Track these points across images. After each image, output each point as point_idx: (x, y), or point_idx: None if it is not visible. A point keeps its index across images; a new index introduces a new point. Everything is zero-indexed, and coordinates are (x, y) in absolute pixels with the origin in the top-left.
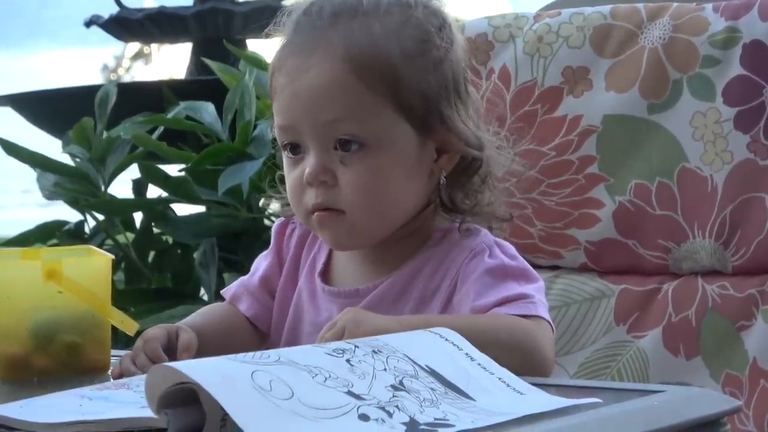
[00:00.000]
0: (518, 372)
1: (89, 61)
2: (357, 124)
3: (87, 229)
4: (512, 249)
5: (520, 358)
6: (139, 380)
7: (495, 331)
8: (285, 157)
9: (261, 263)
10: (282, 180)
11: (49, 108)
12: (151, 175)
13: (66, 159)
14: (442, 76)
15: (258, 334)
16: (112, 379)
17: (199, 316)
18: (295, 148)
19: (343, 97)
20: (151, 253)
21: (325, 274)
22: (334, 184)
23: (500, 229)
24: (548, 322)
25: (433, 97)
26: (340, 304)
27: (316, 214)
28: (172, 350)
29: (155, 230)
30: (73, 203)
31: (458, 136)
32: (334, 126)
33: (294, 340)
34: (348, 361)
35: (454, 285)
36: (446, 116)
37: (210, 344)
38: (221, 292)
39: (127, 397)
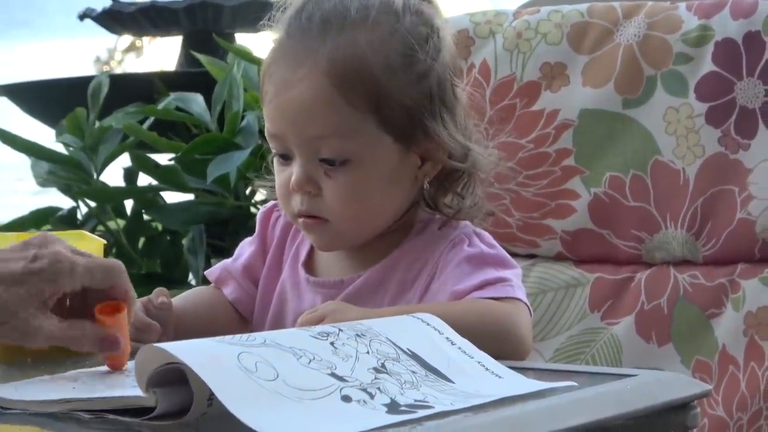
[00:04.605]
0: (497, 353)
1: (82, 53)
2: (340, 141)
3: (79, 216)
4: (491, 238)
5: (498, 341)
6: (131, 363)
7: (472, 315)
8: (275, 158)
9: (245, 249)
10: (269, 170)
11: (43, 98)
12: (141, 163)
13: (59, 148)
14: (427, 88)
15: (241, 318)
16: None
17: (183, 299)
18: (284, 155)
19: (326, 115)
20: (141, 239)
21: (309, 264)
22: (318, 194)
23: (480, 220)
24: (526, 304)
25: (417, 111)
26: (323, 295)
27: (301, 219)
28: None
29: (145, 217)
30: (66, 191)
31: (442, 147)
32: (318, 142)
33: (277, 329)
34: (332, 344)
35: (433, 273)
36: (430, 129)
37: (194, 326)
38: (205, 272)
39: (119, 378)
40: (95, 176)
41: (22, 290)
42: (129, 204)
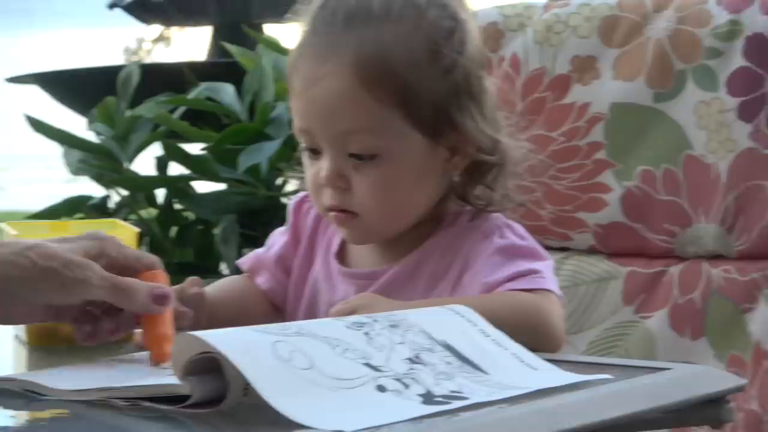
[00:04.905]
0: (529, 345)
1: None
2: (367, 137)
3: (111, 204)
4: (522, 230)
5: (531, 332)
6: None
7: (504, 307)
8: (304, 152)
9: (277, 239)
10: (300, 161)
11: (74, 87)
12: (173, 153)
13: (91, 136)
14: (453, 81)
15: (273, 308)
16: (137, 349)
17: (215, 288)
18: (313, 149)
19: (353, 111)
20: (174, 229)
21: (341, 255)
22: (348, 189)
23: (512, 211)
24: (558, 295)
25: (443, 105)
26: (356, 285)
27: (332, 213)
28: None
29: (177, 206)
30: (98, 179)
31: (470, 140)
32: (345, 137)
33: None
34: (366, 334)
35: (465, 265)
36: (457, 122)
37: (227, 316)
38: (237, 262)
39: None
40: (126, 165)
41: (68, 244)
42: (160, 193)
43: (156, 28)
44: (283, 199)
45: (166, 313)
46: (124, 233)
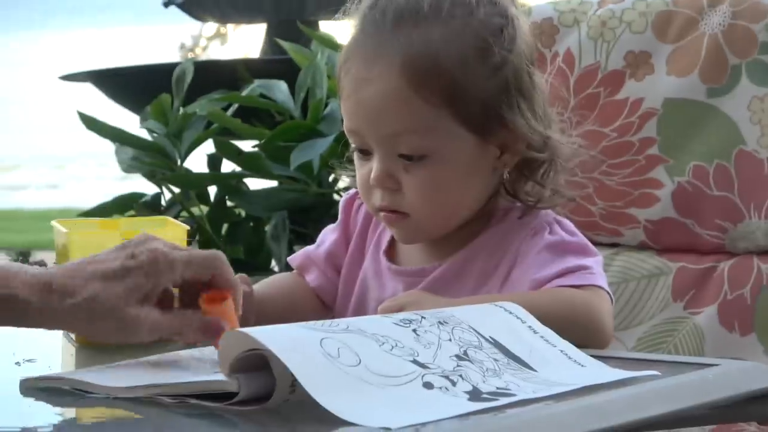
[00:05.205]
0: (578, 341)
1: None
2: (416, 138)
3: (163, 202)
4: (571, 226)
5: (579, 328)
6: (211, 348)
7: (554, 303)
8: (355, 152)
9: (328, 236)
10: (351, 159)
11: (127, 84)
12: (225, 150)
13: (144, 134)
14: (502, 79)
15: (322, 305)
16: (184, 346)
17: (265, 285)
18: (363, 150)
19: (402, 112)
20: (225, 226)
21: (390, 252)
22: (398, 189)
23: (562, 207)
24: (607, 292)
25: (493, 103)
26: (405, 283)
27: (382, 213)
28: None
29: (229, 203)
30: (150, 176)
31: (521, 137)
32: (395, 139)
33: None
34: (414, 331)
35: (514, 262)
36: (507, 120)
37: (276, 313)
38: (287, 259)
39: (201, 363)
40: (179, 162)
41: (120, 287)
42: (212, 190)
43: (212, 26)
44: (335, 196)
45: (224, 307)
46: (174, 231)
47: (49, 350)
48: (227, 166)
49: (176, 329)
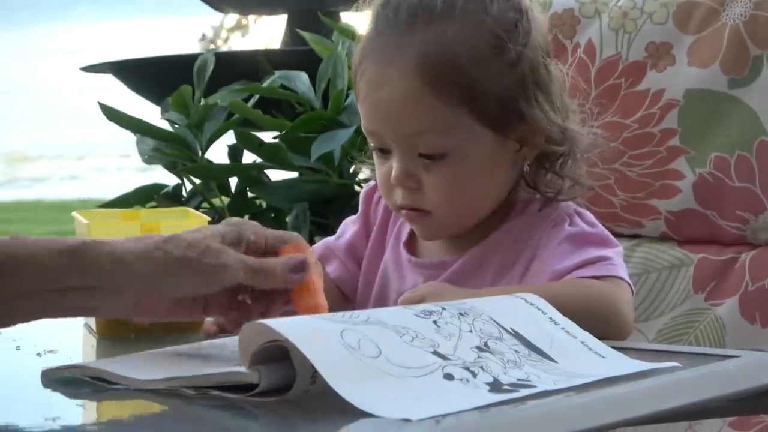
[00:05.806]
0: (598, 332)
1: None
2: (435, 137)
3: (184, 193)
4: (591, 217)
5: (600, 320)
6: (233, 339)
7: (574, 295)
8: (374, 151)
9: (348, 228)
10: (372, 153)
11: (148, 75)
12: (246, 141)
13: (164, 125)
14: (519, 74)
15: (343, 297)
16: (205, 338)
17: None
18: (383, 149)
19: (419, 113)
20: (246, 217)
21: (410, 245)
22: (419, 188)
23: (582, 197)
24: (628, 283)
25: (510, 98)
26: (425, 275)
27: (404, 211)
28: None
29: (249, 194)
30: (171, 168)
31: (539, 130)
32: (414, 138)
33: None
34: (435, 322)
35: (534, 253)
36: (525, 114)
37: None
38: None
39: (221, 355)
40: (200, 153)
41: (201, 233)
42: (233, 181)
43: (233, 17)
44: (355, 187)
45: (313, 284)
46: (195, 222)
47: (70, 341)
48: (248, 157)
49: (260, 264)
